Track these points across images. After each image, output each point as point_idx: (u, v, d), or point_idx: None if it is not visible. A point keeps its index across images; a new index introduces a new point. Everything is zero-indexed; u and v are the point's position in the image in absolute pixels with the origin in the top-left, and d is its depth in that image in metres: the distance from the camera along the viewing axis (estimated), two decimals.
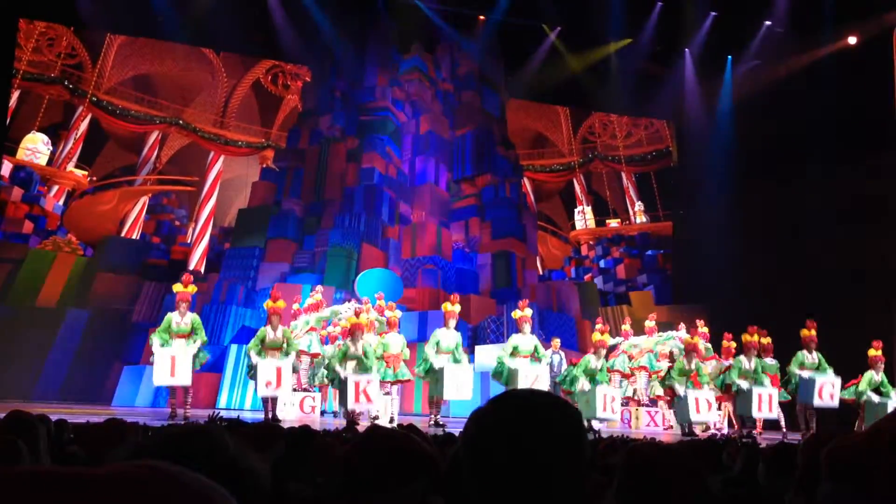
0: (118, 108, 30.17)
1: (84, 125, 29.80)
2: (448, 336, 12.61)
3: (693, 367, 12.95)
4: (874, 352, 12.88)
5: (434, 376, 12.53)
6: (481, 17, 22.22)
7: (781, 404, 13.22)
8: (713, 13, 20.09)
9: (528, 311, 13.08)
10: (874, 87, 17.31)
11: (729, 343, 14.54)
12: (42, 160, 27.88)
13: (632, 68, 22.15)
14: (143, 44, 29.45)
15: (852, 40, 18.89)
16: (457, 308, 12.91)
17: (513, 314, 13.40)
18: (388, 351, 12.59)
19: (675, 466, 2.10)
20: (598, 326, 14.00)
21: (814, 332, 13.51)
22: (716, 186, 20.81)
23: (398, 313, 13.49)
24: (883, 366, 12.80)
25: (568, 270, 31.36)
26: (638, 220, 33.74)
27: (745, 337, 13.33)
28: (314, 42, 22.17)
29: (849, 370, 16.42)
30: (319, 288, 15.31)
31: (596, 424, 12.34)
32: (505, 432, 1.29)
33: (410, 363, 13.39)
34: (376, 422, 11.37)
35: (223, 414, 6.10)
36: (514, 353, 12.61)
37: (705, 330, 14.96)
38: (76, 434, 5.42)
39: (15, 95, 26.54)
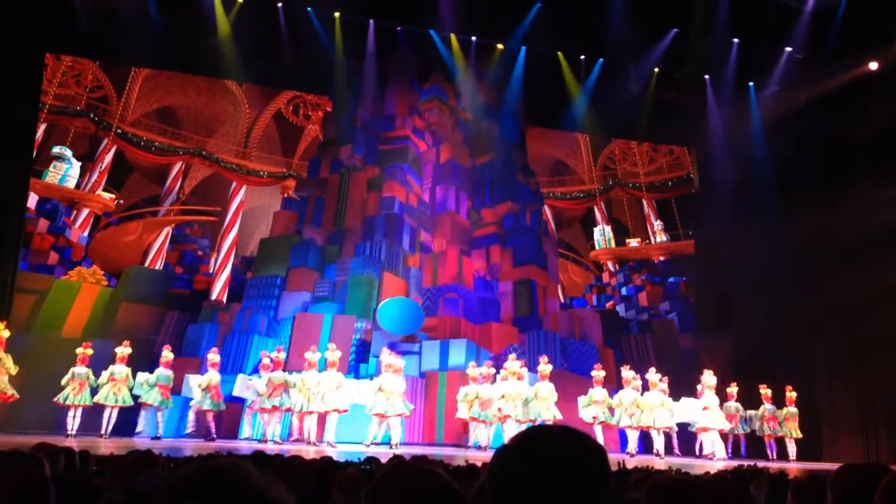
0: (142, 139, 30.60)
1: (109, 157, 30.25)
2: None
3: None
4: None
5: None
6: (500, 46, 22.36)
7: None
8: (735, 40, 20.09)
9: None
10: None
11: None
12: (71, 182, 28.23)
13: (653, 95, 22.18)
14: (167, 76, 29.92)
15: (873, 66, 18.81)
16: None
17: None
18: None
19: (698, 501, 2.08)
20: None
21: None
22: (737, 213, 20.70)
23: (338, 353, 15.69)
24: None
25: (590, 298, 31.21)
26: (658, 239, 33.63)
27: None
28: (335, 72, 22.40)
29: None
30: (280, 347, 16.35)
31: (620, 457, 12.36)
32: (528, 466, 1.29)
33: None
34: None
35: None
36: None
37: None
38: (101, 465, 5.45)
39: (41, 128, 27.00)
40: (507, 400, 15.19)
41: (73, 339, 16.79)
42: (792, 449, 16.90)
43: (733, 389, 16.99)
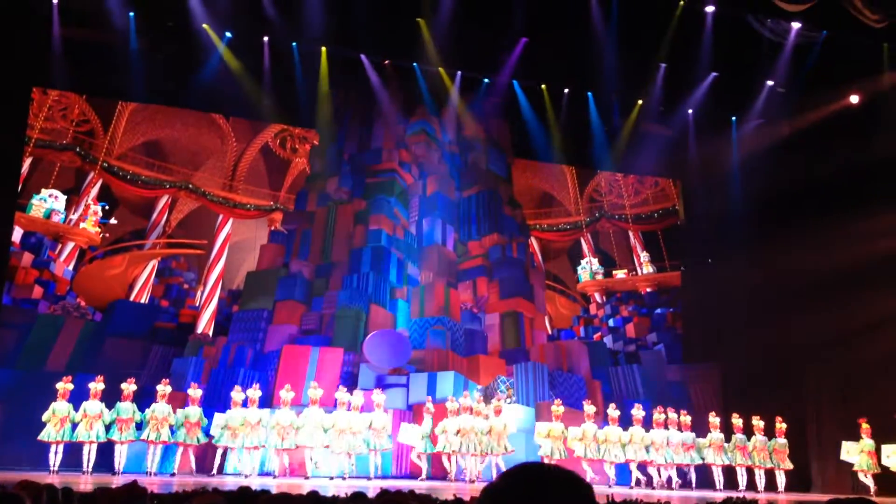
0: (129, 173, 30.53)
1: (95, 191, 30.13)
2: None
3: None
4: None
5: None
6: (486, 80, 22.54)
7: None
8: (714, 73, 20.32)
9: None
10: (880, 143, 17.35)
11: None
12: (57, 218, 27.98)
13: (637, 128, 22.38)
14: (154, 110, 29.94)
15: (854, 99, 19.04)
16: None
17: None
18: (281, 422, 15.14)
19: None
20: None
21: None
22: (723, 244, 20.82)
23: (320, 391, 15.83)
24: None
25: (577, 330, 31.20)
26: (645, 271, 33.71)
27: None
28: (321, 106, 22.50)
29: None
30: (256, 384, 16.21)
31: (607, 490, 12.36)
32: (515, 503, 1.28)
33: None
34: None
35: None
36: None
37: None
38: (88, 501, 5.38)
39: (27, 162, 26.89)
40: (462, 434, 15.22)
41: (57, 373, 16.59)
42: (781, 480, 16.96)
43: (686, 419, 17.37)
